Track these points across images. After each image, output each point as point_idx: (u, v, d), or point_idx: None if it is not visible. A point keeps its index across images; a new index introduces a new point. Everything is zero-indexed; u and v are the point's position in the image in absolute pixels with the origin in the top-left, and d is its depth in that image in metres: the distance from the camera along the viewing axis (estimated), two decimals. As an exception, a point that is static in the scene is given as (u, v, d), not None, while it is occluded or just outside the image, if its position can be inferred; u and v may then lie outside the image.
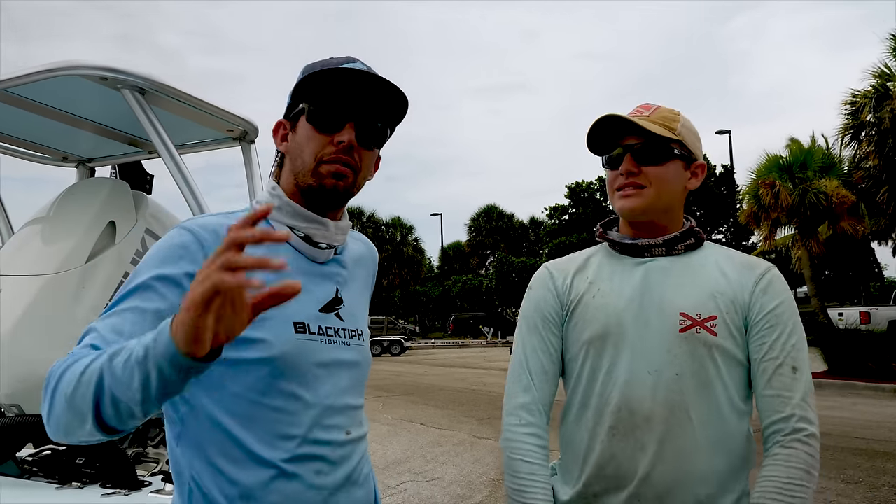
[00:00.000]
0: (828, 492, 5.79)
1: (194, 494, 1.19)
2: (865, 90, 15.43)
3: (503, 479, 1.55)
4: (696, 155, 1.58)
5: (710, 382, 1.42)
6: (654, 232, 1.56)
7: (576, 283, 1.59)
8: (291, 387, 1.21)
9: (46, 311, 2.52)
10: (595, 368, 1.50)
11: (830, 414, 10.06)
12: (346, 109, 1.29)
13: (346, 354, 1.33)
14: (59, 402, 0.99)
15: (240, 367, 1.17)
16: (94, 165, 3.44)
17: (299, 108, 1.32)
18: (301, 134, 1.31)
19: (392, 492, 6.09)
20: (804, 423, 1.38)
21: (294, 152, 1.32)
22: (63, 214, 2.79)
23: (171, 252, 1.17)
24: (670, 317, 1.46)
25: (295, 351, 1.22)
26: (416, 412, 11.36)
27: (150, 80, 2.43)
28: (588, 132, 1.58)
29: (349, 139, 1.28)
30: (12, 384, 2.49)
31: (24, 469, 2.51)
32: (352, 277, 1.42)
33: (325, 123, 1.29)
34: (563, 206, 41.87)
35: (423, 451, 7.98)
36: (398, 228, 48.62)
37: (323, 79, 1.28)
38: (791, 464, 1.36)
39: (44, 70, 2.39)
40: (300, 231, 1.30)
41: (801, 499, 1.33)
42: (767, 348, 1.43)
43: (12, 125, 2.96)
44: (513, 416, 1.54)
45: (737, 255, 1.58)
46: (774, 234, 17.91)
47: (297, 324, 1.24)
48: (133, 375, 0.91)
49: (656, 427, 1.41)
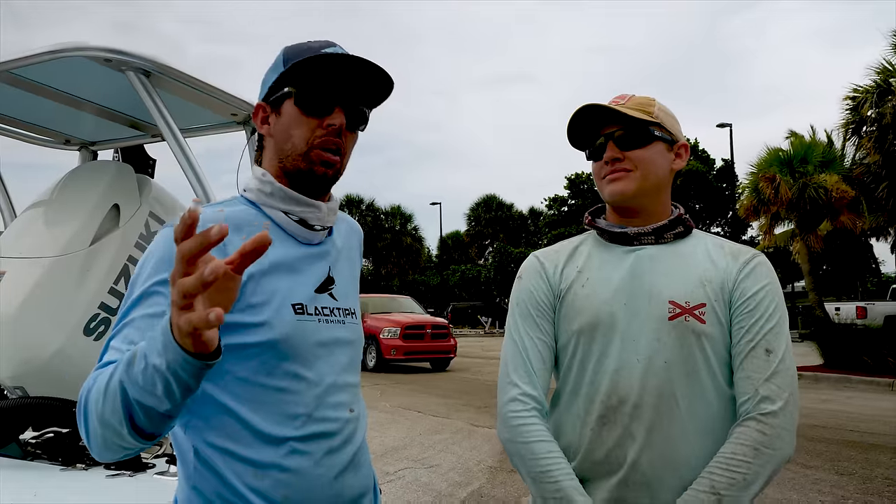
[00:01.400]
0: (822, 483, 5.83)
1: (204, 475, 1.20)
2: (867, 86, 15.41)
3: (510, 465, 1.55)
4: (677, 137, 1.60)
5: (698, 370, 1.44)
6: (642, 218, 1.57)
7: (566, 272, 1.60)
8: (294, 367, 1.24)
9: (50, 294, 2.52)
10: (585, 357, 1.51)
11: (825, 407, 10.12)
12: (335, 93, 1.31)
13: (343, 333, 1.35)
14: (92, 422, 1.00)
15: (243, 352, 1.19)
16: (97, 149, 3.42)
17: (284, 92, 1.32)
18: (287, 118, 1.31)
19: (390, 478, 6.12)
20: (765, 402, 1.38)
21: (280, 136, 1.33)
22: (66, 197, 2.78)
23: (167, 254, 1.16)
24: (660, 305, 1.47)
25: (295, 332, 1.24)
26: (415, 400, 11.40)
27: (155, 63, 2.42)
28: (568, 124, 1.59)
29: (340, 123, 1.30)
30: (16, 366, 2.49)
31: (28, 451, 2.51)
32: (341, 257, 1.45)
33: (314, 107, 1.30)
34: (562, 198, 41.87)
35: (421, 439, 8.01)
36: (397, 217, 48.56)
37: (310, 63, 1.28)
38: (739, 440, 1.37)
39: (48, 51, 2.37)
40: (295, 215, 1.32)
41: (740, 474, 1.34)
42: (745, 332, 1.45)
43: (15, 107, 2.95)
44: (516, 403, 1.52)
45: (726, 242, 1.60)
46: (774, 229, 17.94)
47: (295, 305, 1.26)
48: (155, 384, 0.92)
49: (645, 414, 1.43)
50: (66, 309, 2.54)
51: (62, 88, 2.72)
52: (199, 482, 1.20)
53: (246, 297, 1.20)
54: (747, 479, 1.34)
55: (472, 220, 52.72)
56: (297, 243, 1.34)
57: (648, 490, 1.42)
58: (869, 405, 10.42)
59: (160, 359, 0.90)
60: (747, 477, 1.34)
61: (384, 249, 46.69)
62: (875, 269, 33.57)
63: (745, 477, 1.34)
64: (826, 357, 14.86)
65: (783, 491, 5.59)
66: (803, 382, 13.36)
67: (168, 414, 0.97)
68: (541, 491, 1.45)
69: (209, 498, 1.19)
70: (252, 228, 1.26)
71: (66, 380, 2.48)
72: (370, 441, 1.22)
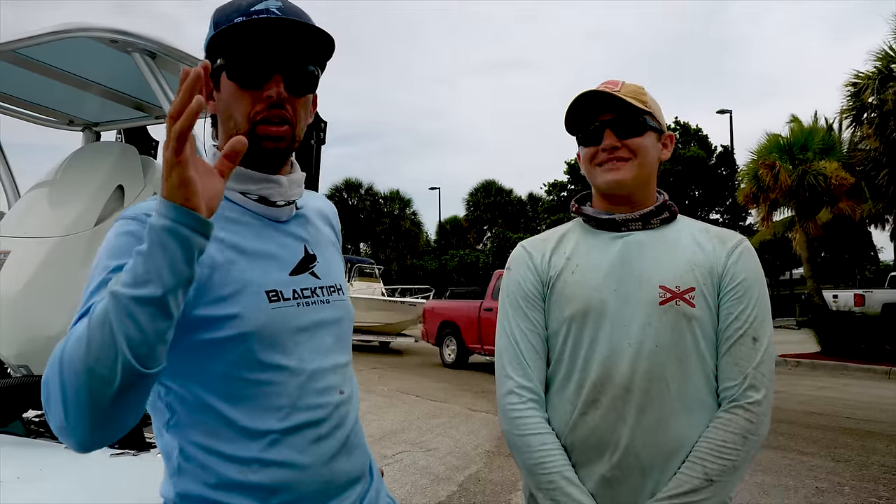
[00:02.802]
0: (818, 469, 5.87)
1: (189, 474, 1.16)
2: (869, 72, 15.34)
3: (507, 449, 1.57)
4: (664, 127, 1.63)
5: (688, 353, 1.46)
6: (630, 205, 1.59)
7: (554, 260, 1.62)
8: (274, 357, 1.17)
9: (55, 274, 2.53)
10: (577, 344, 1.52)
11: (822, 394, 10.17)
12: (269, 60, 1.19)
13: (327, 313, 1.28)
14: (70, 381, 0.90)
15: (218, 347, 1.13)
16: (100, 130, 3.42)
17: (218, 65, 1.21)
18: (225, 93, 1.21)
19: (388, 461, 6.16)
20: (752, 390, 1.43)
21: (224, 113, 1.23)
22: (71, 178, 2.78)
23: (121, 242, 1.09)
24: (650, 289, 1.49)
25: (271, 321, 1.17)
26: (412, 384, 11.44)
27: (160, 44, 2.42)
28: (567, 111, 1.60)
29: (278, 93, 1.19)
30: (21, 345, 2.51)
31: (31, 430, 2.53)
32: (319, 232, 1.38)
33: (248, 79, 1.19)
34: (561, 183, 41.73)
35: (418, 423, 8.06)
36: (396, 202, 48.46)
37: (237, 29, 1.16)
38: (728, 428, 1.42)
39: (53, 31, 2.37)
40: (253, 194, 1.24)
41: (730, 461, 1.40)
42: (733, 318, 1.47)
43: (19, 87, 2.95)
44: (512, 396, 1.55)
45: (711, 227, 1.62)
46: (772, 216, 17.93)
47: (269, 292, 1.18)
48: (155, 256, 0.91)
49: (636, 398, 1.45)
50: (71, 288, 2.54)
51: (66, 69, 2.72)
52: (184, 481, 1.16)
53: (215, 289, 1.13)
54: (736, 464, 1.41)
55: (470, 205, 52.61)
56: (263, 223, 1.25)
57: (641, 471, 1.45)
58: (866, 393, 10.47)
59: (161, 220, 0.92)
60: (736, 463, 1.41)
61: (383, 234, 46.65)
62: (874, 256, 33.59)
63: (734, 463, 1.40)
64: (823, 344, 14.90)
65: (780, 477, 5.64)
66: (801, 370, 13.43)
67: (168, 309, 0.93)
68: (535, 482, 1.49)
69: (195, 496, 1.15)
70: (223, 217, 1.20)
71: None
72: (368, 425, 1.18)
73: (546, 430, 1.52)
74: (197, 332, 1.11)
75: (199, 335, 1.12)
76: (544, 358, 1.59)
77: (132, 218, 1.13)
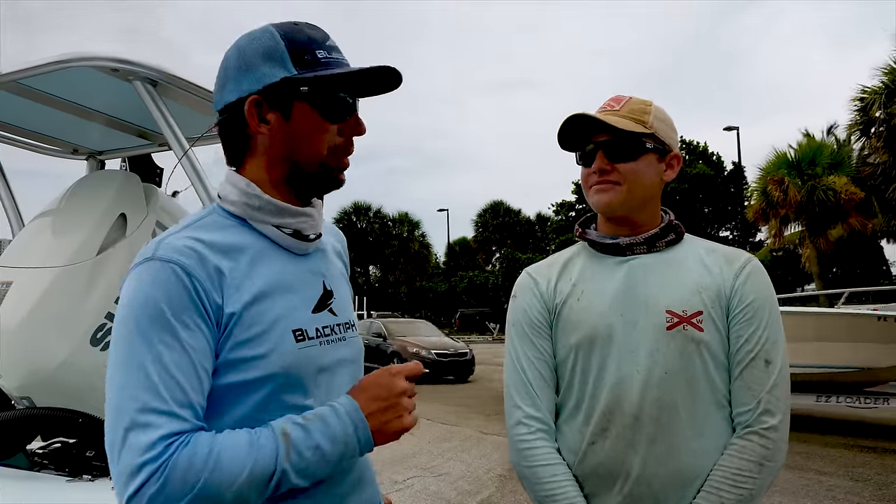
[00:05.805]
0: (837, 489, 5.77)
1: None
2: (875, 86, 15.35)
3: (517, 477, 1.54)
4: (671, 146, 1.57)
5: (697, 378, 1.43)
6: (632, 227, 1.56)
7: (559, 287, 1.59)
8: (295, 398, 1.14)
9: (58, 304, 2.51)
10: (585, 371, 1.49)
11: (838, 412, 10.02)
12: (355, 99, 1.25)
13: (344, 351, 1.26)
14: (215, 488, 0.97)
15: (242, 389, 1.09)
16: (105, 158, 3.42)
17: (297, 92, 1.18)
18: (304, 121, 1.19)
19: (399, 487, 6.09)
20: (766, 415, 1.40)
21: (293, 139, 1.20)
22: (74, 207, 2.78)
23: (176, 292, 1.05)
24: (657, 315, 1.45)
25: (297, 362, 1.14)
26: (423, 407, 11.36)
27: (161, 72, 2.42)
28: (558, 131, 1.57)
29: (364, 130, 1.25)
30: (23, 376, 2.48)
31: (34, 462, 2.50)
32: (333, 266, 1.35)
33: (336, 113, 1.21)
34: (569, 203, 41.78)
35: (430, 447, 7.99)
36: (405, 224, 48.66)
37: (360, 73, 1.19)
38: (744, 456, 1.39)
39: (55, 61, 2.37)
40: (288, 228, 1.22)
41: (747, 489, 1.37)
42: (744, 341, 1.44)
43: (23, 117, 2.95)
44: (521, 426, 1.53)
45: (718, 247, 1.58)
46: (783, 232, 17.86)
47: (295, 332, 1.15)
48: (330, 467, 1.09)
49: (646, 426, 1.42)
50: (73, 319, 2.53)
51: (69, 98, 2.73)
52: None
53: (244, 329, 1.09)
54: (752, 493, 1.37)
55: (479, 226, 52.72)
56: (287, 257, 1.22)
57: (654, 501, 1.42)
58: (884, 409, 10.30)
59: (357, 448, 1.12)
60: (753, 491, 1.37)
61: (392, 256, 46.77)
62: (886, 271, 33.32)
63: (750, 492, 1.37)
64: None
65: (798, 498, 5.53)
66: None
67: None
68: None
69: None
70: (253, 251, 1.17)
71: (73, 390, 2.47)
72: (378, 450, 1.18)
73: (556, 460, 1.49)
74: (223, 376, 1.08)
75: (225, 378, 1.08)
76: (553, 386, 1.56)
77: (170, 261, 1.09)
